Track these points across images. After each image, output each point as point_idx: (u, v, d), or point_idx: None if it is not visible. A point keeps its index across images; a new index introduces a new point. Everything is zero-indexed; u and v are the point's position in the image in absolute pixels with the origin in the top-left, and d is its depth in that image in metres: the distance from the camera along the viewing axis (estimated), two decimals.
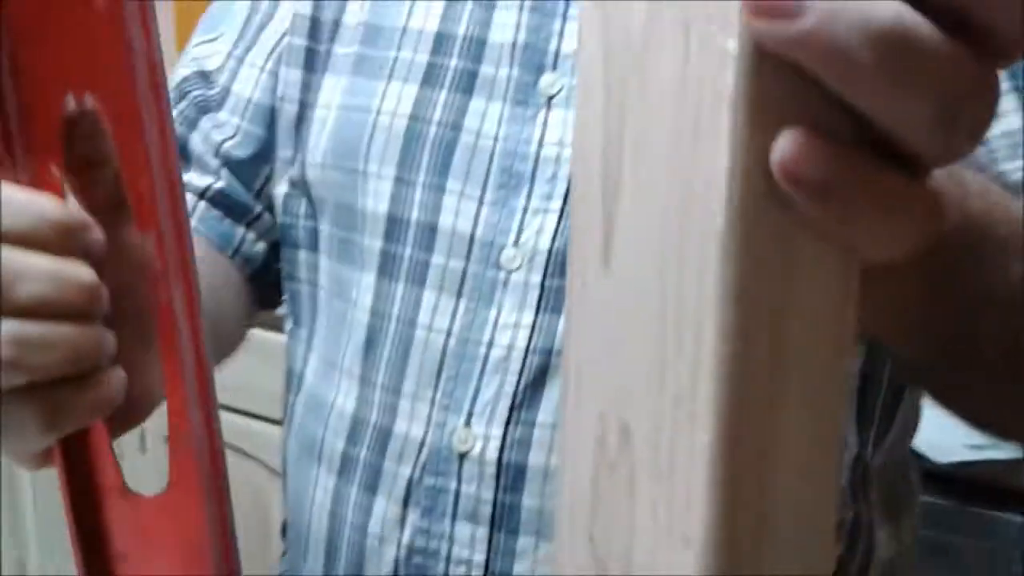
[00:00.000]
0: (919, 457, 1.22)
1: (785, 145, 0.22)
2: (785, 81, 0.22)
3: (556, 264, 0.60)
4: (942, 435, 1.26)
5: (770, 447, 0.24)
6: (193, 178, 0.72)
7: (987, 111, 0.23)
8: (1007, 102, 0.58)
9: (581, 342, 0.28)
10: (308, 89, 0.69)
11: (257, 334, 1.12)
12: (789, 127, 0.22)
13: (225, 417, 0.43)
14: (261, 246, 0.74)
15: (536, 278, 0.60)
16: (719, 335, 0.23)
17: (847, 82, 0.22)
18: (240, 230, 0.73)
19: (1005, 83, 0.57)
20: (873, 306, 0.34)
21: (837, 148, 0.22)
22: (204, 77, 0.73)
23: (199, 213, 0.72)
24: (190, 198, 0.72)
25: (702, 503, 0.23)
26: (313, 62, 0.69)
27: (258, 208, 0.73)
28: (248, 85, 0.72)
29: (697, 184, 0.23)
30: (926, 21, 0.22)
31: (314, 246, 0.69)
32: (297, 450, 0.70)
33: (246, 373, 0.79)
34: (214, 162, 0.72)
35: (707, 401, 0.23)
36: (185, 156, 0.73)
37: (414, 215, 0.63)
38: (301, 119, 0.69)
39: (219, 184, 0.72)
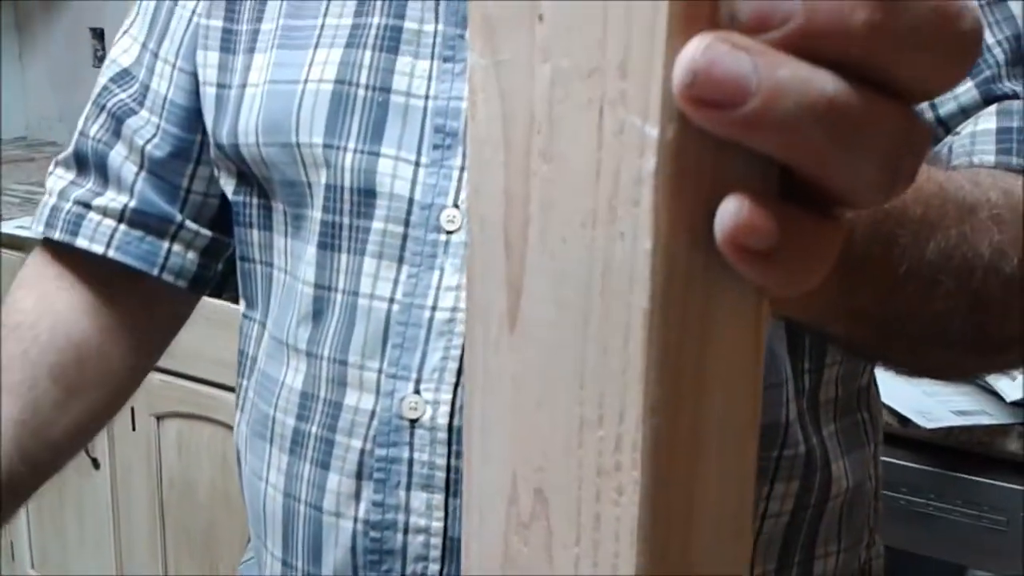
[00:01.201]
0: (906, 423, 1.23)
1: (729, 217, 0.22)
2: (705, 152, 0.22)
3: None
4: (929, 401, 1.27)
5: (694, 508, 0.24)
6: (109, 200, 0.73)
7: (922, 153, 0.23)
8: None
9: (485, 398, 0.27)
10: (227, 70, 0.68)
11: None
12: (709, 195, 0.22)
13: (213, 393, 0.42)
14: (192, 255, 0.74)
15: None
16: (646, 409, 0.23)
17: (794, 155, 0.22)
18: (164, 245, 0.73)
19: None
20: (793, 299, 0.35)
21: (779, 211, 0.22)
22: (122, 76, 0.74)
23: (118, 238, 0.72)
24: (109, 223, 0.73)
25: (629, 570, 0.23)
26: (231, 43, 0.68)
27: (179, 216, 0.73)
28: (164, 82, 0.72)
29: (616, 261, 0.23)
30: (861, 86, 0.22)
31: (268, 225, 0.69)
32: (249, 434, 0.70)
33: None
34: (132, 174, 0.73)
35: (634, 473, 0.23)
36: (103, 176, 0.74)
37: (348, 182, 0.62)
38: (219, 100, 0.68)
39: (134, 203, 0.73)
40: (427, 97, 0.61)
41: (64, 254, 0.75)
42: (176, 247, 0.73)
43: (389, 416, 0.61)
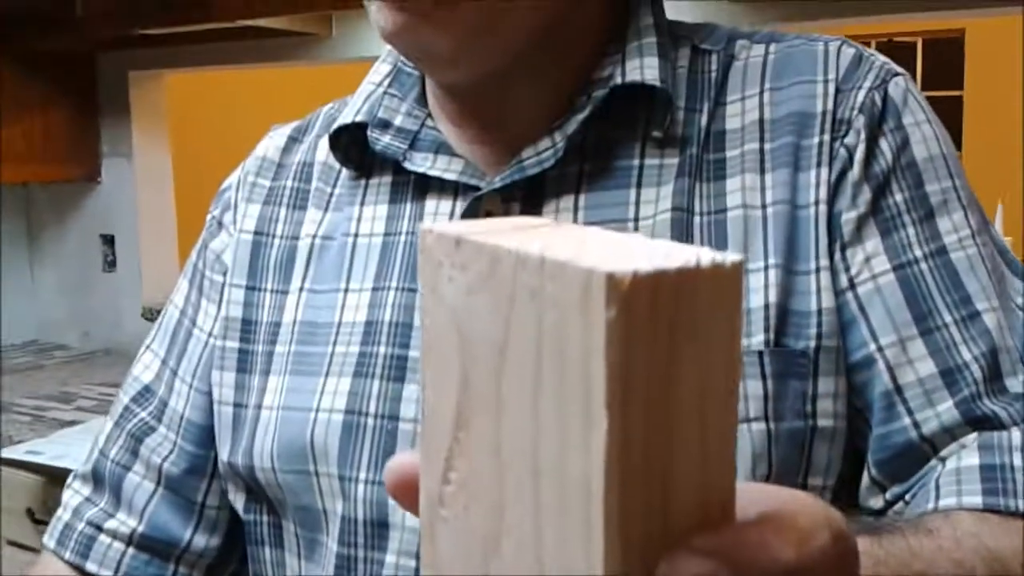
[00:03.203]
0: None
1: None
2: None
3: None
4: None
5: None
6: (120, 524, 0.74)
7: None
8: (916, 347, 0.59)
9: None
10: (242, 390, 0.70)
11: None
12: None
13: None
14: (197, 575, 0.75)
15: None
16: None
17: None
18: (169, 568, 0.75)
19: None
20: None
21: None
22: (142, 395, 0.76)
23: (126, 563, 0.74)
24: (118, 547, 0.74)
25: None
26: (247, 363, 0.70)
27: (187, 537, 0.74)
28: (182, 401, 0.74)
29: None
30: None
31: (279, 544, 0.69)
32: None
33: None
34: (146, 496, 0.74)
35: None
36: (117, 497, 0.75)
37: (362, 514, 0.63)
38: (236, 419, 0.70)
39: (143, 528, 0.74)
40: None
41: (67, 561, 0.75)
42: (182, 569, 0.74)
43: None
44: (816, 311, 0.59)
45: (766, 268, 0.60)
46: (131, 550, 0.74)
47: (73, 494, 0.78)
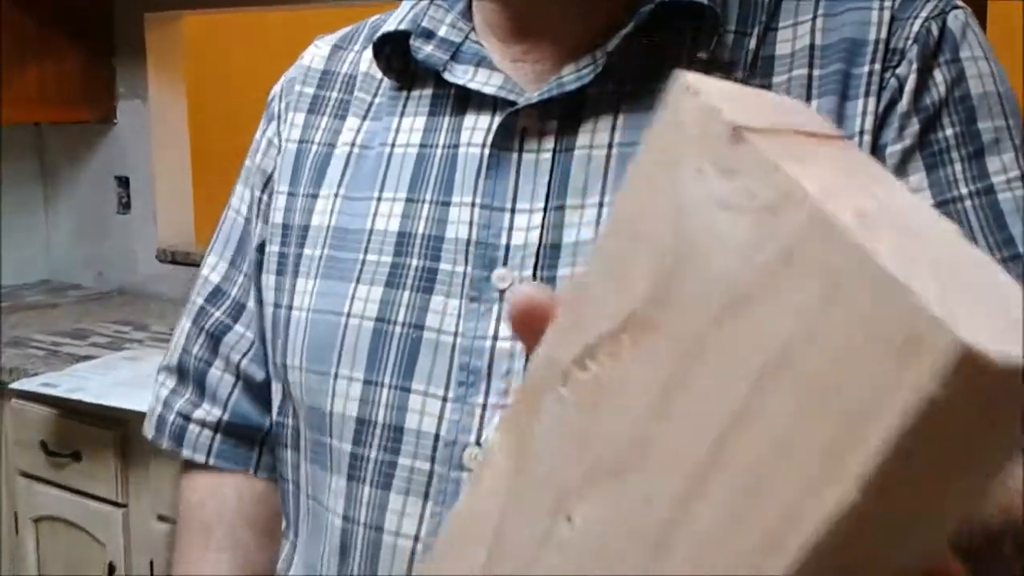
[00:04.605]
0: None
1: None
2: None
3: None
4: None
5: None
6: (206, 414, 0.78)
7: None
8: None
9: None
10: (281, 291, 0.72)
11: None
12: None
13: None
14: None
15: None
16: None
17: None
18: (255, 450, 0.79)
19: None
20: None
21: None
22: (215, 295, 0.79)
23: (216, 447, 0.78)
24: (207, 434, 0.78)
25: None
26: (284, 266, 0.72)
27: (267, 423, 0.78)
28: (252, 302, 0.77)
29: None
30: None
31: (296, 446, 0.72)
32: None
33: None
34: (228, 388, 0.78)
35: None
36: (201, 389, 0.79)
37: (381, 417, 0.64)
38: (275, 320, 0.72)
39: (227, 417, 0.78)
40: (455, 334, 0.63)
41: None
42: (266, 449, 0.78)
43: None
44: None
45: None
46: (219, 436, 0.78)
47: (160, 387, 0.82)
